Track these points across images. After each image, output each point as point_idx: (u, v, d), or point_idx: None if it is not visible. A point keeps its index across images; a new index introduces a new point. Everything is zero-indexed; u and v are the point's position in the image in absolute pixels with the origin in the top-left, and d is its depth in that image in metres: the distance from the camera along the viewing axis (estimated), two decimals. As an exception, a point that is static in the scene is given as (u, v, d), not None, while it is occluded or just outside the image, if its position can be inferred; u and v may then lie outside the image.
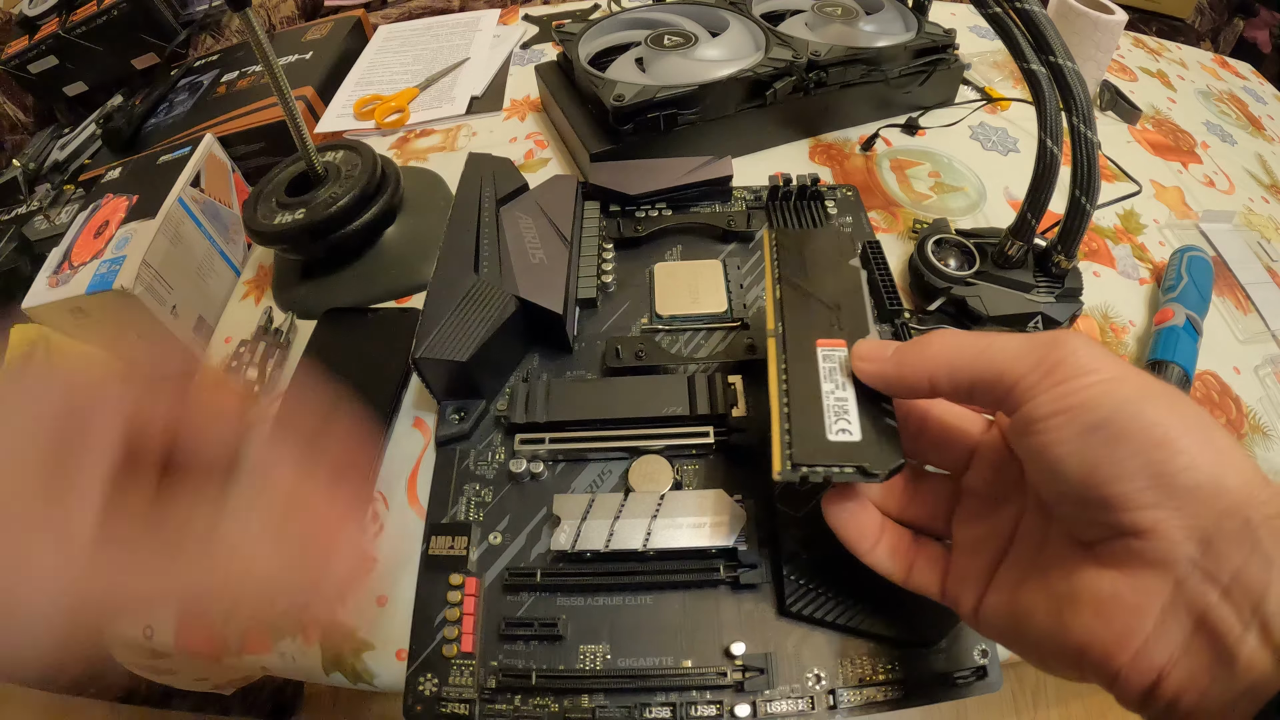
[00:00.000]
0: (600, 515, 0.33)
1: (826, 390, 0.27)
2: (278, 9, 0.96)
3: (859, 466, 0.25)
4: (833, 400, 0.27)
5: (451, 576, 0.34)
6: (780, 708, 0.30)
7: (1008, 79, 0.63)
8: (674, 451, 0.37)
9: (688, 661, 0.31)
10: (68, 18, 0.83)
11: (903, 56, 0.54)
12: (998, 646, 0.31)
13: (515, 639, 0.32)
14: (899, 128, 0.57)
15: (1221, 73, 0.72)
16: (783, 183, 0.47)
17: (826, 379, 0.28)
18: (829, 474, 0.25)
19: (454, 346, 0.36)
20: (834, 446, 0.26)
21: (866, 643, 0.31)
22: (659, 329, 0.42)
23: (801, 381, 0.28)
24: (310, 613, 0.31)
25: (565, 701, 0.30)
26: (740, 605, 0.32)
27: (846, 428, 0.26)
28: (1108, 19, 0.55)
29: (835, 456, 0.25)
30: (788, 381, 0.28)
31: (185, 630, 0.36)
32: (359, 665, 0.34)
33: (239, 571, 0.21)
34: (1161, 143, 0.59)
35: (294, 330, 0.47)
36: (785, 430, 0.26)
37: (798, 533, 0.32)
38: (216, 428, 0.23)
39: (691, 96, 0.49)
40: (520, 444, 0.37)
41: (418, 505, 0.38)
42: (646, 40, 0.53)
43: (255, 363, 0.45)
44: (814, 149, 0.56)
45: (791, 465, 0.26)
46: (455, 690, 0.31)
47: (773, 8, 0.59)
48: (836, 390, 0.27)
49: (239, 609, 0.31)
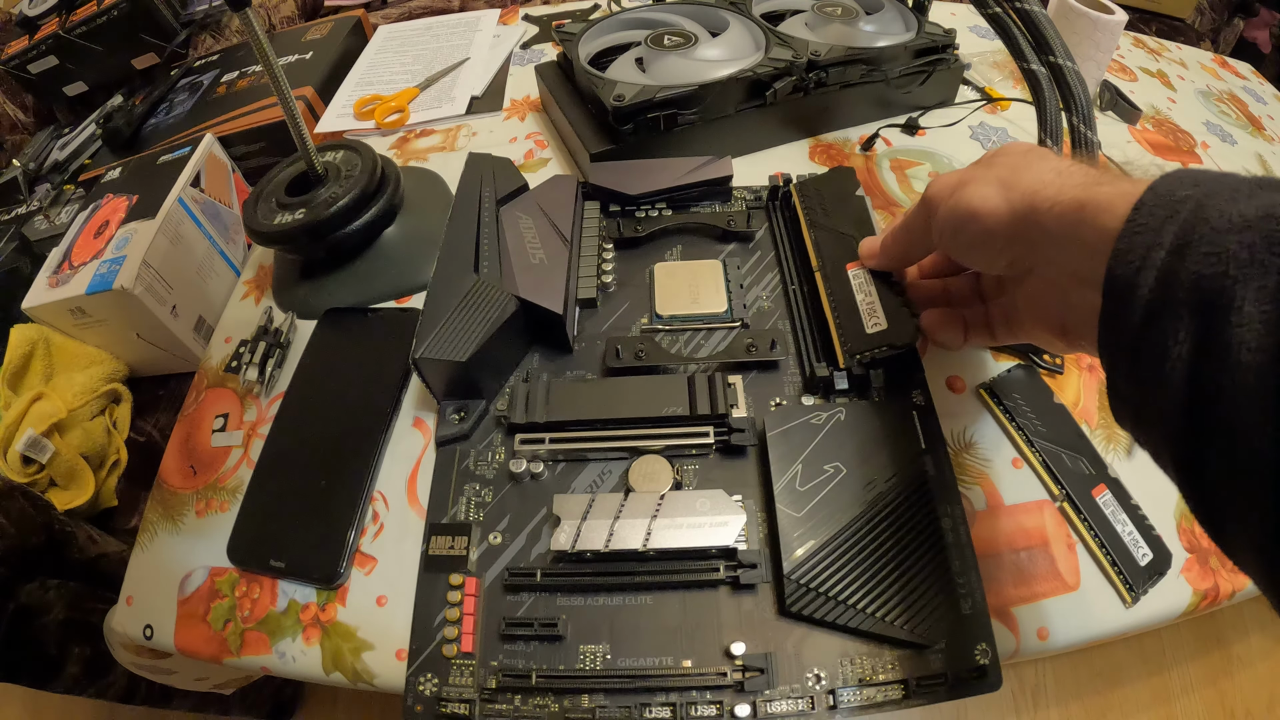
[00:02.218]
0: (600, 515, 0.33)
1: (860, 300, 0.37)
2: (278, 9, 0.96)
3: (889, 344, 0.35)
4: (865, 305, 0.37)
5: (451, 576, 0.34)
6: (780, 708, 0.30)
7: (1008, 79, 0.63)
8: (674, 451, 0.37)
9: (688, 661, 0.31)
10: (68, 18, 0.83)
11: (903, 56, 0.54)
12: (998, 646, 0.31)
13: (515, 639, 0.32)
14: (899, 128, 0.57)
15: (1221, 73, 0.72)
16: (783, 183, 0.47)
17: (858, 291, 0.38)
18: (874, 355, 0.36)
19: (454, 346, 0.36)
20: (873, 336, 0.36)
21: (866, 643, 0.31)
22: (659, 329, 0.42)
23: (842, 299, 0.38)
24: None
25: (565, 701, 0.30)
26: (740, 605, 0.32)
27: (877, 321, 0.36)
28: (1108, 19, 0.55)
29: (874, 342, 0.36)
30: (834, 302, 0.38)
31: (185, 630, 0.36)
32: (359, 665, 0.34)
33: None
34: (1161, 143, 0.59)
35: (294, 330, 0.47)
36: (841, 335, 0.37)
37: (798, 533, 0.32)
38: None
39: (691, 96, 0.49)
40: (520, 444, 0.37)
41: (418, 505, 0.38)
42: (646, 40, 0.53)
43: (255, 363, 0.45)
44: (814, 149, 0.56)
45: (849, 356, 0.36)
46: (455, 690, 0.31)
47: (773, 8, 0.59)
48: (865, 297, 0.37)
49: None
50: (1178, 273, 0.19)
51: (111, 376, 0.56)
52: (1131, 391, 0.22)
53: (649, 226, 0.46)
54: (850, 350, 0.36)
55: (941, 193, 0.31)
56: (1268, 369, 0.17)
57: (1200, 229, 0.19)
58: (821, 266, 0.40)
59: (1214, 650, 0.88)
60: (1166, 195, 0.20)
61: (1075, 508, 0.35)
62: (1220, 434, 0.18)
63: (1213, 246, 0.18)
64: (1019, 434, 0.38)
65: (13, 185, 0.76)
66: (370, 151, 0.48)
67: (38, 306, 0.52)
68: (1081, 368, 0.42)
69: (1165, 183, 0.21)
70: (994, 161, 0.30)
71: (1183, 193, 0.20)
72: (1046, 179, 0.26)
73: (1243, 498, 0.18)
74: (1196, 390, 0.19)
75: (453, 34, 0.75)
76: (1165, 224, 0.20)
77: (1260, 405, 0.17)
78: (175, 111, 0.76)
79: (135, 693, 0.56)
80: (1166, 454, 0.21)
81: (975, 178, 0.29)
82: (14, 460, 0.49)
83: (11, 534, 0.46)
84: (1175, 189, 0.20)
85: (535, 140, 0.59)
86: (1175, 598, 0.34)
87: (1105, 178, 0.24)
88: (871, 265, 0.38)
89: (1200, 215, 0.19)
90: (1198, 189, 0.20)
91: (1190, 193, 0.20)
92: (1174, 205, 0.20)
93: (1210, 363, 0.18)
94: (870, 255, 0.38)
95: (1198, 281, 0.18)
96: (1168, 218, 0.20)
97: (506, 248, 0.41)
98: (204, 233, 0.57)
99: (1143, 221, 0.20)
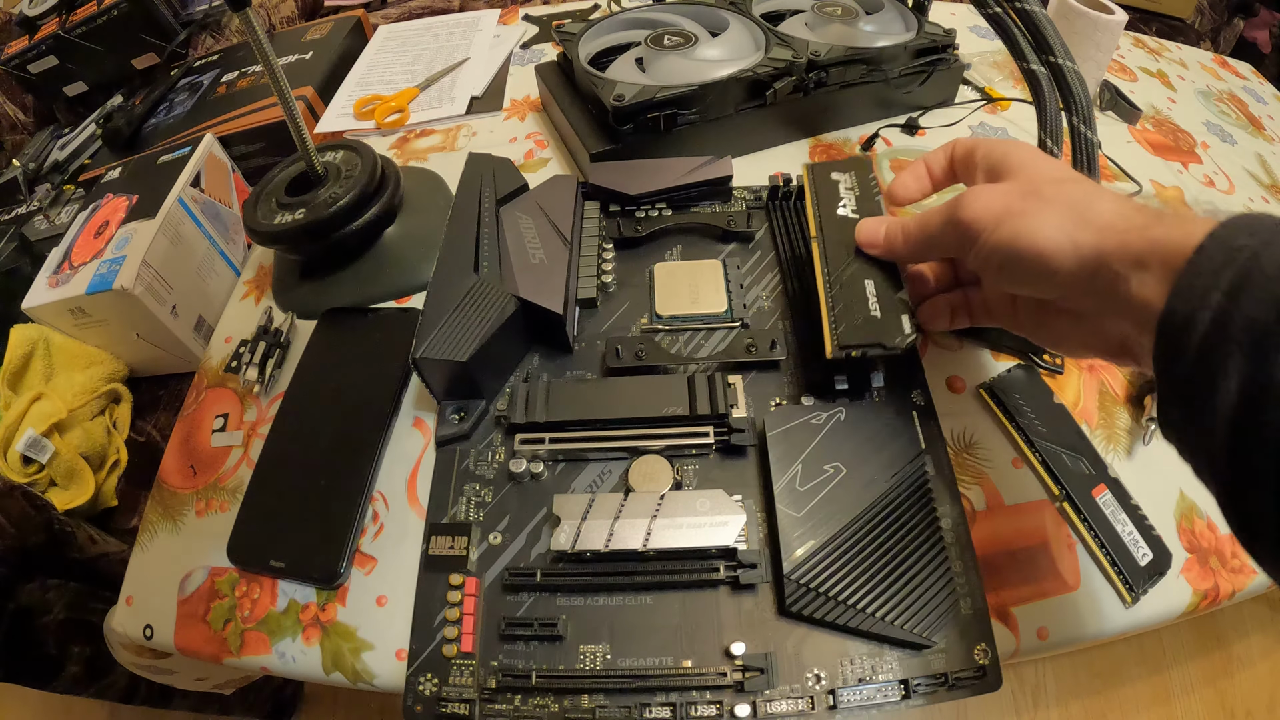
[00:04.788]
0: (600, 515, 0.33)
1: (859, 291, 0.35)
2: (278, 9, 0.96)
3: (880, 343, 0.33)
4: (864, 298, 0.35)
5: (451, 576, 0.34)
6: (780, 708, 0.30)
7: (1008, 79, 0.63)
8: (674, 451, 0.37)
9: (688, 661, 0.31)
10: (68, 18, 0.83)
11: (903, 56, 0.54)
12: (998, 646, 0.31)
13: (515, 639, 0.32)
14: (899, 128, 0.57)
15: (1221, 73, 0.72)
16: (783, 183, 0.47)
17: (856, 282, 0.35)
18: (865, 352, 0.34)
19: (454, 346, 0.36)
20: (866, 330, 0.34)
21: (866, 643, 0.31)
22: (659, 329, 0.42)
23: (840, 287, 0.36)
24: None
25: (565, 701, 0.30)
26: (740, 605, 0.32)
27: (874, 316, 0.34)
28: (1108, 19, 0.55)
29: (866, 338, 0.33)
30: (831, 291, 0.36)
31: (185, 630, 0.36)
32: (359, 665, 0.34)
33: None
34: (1161, 143, 0.59)
35: (294, 330, 0.47)
36: (833, 324, 0.34)
37: (798, 533, 0.32)
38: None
39: (691, 96, 0.49)
40: (520, 444, 0.37)
41: (418, 505, 0.38)
42: (646, 40, 0.53)
43: (255, 363, 0.45)
44: (814, 149, 0.56)
45: (838, 347, 0.34)
46: (455, 690, 0.31)
47: (773, 8, 0.59)
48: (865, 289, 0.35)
49: None
50: (1232, 314, 0.21)
51: (111, 376, 0.56)
52: (1182, 419, 0.23)
53: (649, 226, 0.46)
54: (840, 343, 0.34)
55: (985, 221, 0.29)
56: None
57: (1256, 277, 0.21)
58: (824, 251, 0.38)
59: (1214, 650, 0.88)
60: (1226, 242, 0.22)
61: (1075, 508, 0.35)
62: (1263, 463, 0.20)
63: (1265, 293, 0.20)
64: (1019, 434, 0.38)
65: (13, 185, 0.76)
66: (370, 151, 0.48)
67: (38, 306, 0.52)
68: (1082, 368, 0.42)
69: (1225, 230, 0.23)
70: (1043, 193, 0.28)
71: (1241, 241, 0.22)
72: (1111, 221, 0.26)
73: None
74: (1243, 422, 0.20)
75: (453, 34, 0.75)
76: (1223, 269, 0.22)
77: None
78: (175, 111, 0.76)
79: (135, 693, 0.56)
80: (1210, 478, 0.23)
81: (1029, 211, 0.28)
82: (14, 460, 0.49)
83: (11, 534, 0.46)
84: (1234, 237, 0.22)
85: (535, 140, 0.59)
86: (1175, 598, 0.34)
87: (1158, 221, 0.25)
88: (872, 252, 0.36)
89: (1256, 264, 0.21)
90: (1254, 239, 0.22)
91: (1248, 242, 0.22)
92: (1232, 252, 0.22)
93: (1257, 396, 0.20)
94: (871, 242, 0.36)
95: (1251, 324, 0.20)
96: (1225, 263, 0.22)
97: (506, 248, 0.41)
98: (204, 233, 0.57)
99: (1203, 265, 0.22)
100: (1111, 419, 0.40)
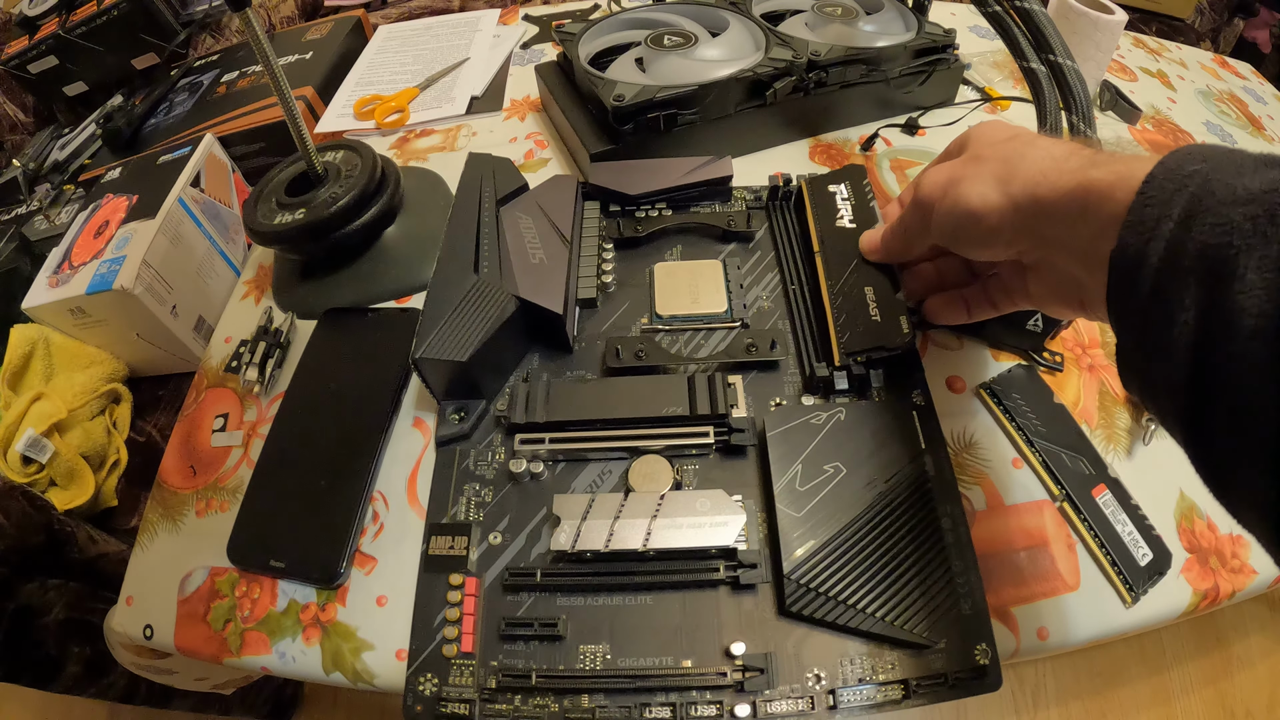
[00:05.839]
0: (600, 515, 0.33)
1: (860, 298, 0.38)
2: (278, 9, 0.96)
3: (883, 345, 0.36)
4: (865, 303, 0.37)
5: (451, 576, 0.34)
6: (780, 708, 0.30)
7: (1008, 79, 0.63)
8: (674, 451, 0.37)
9: (688, 661, 0.31)
10: (68, 18, 0.83)
11: (903, 56, 0.54)
12: (998, 646, 0.31)
13: (515, 639, 0.32)
14: (899, 127, 0.57)
15: (1221, 73, 0.72)
16: (782, 183, 0.47)
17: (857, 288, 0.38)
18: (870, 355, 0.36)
19: (454, 346, 0.36)
20: (869, 334, 0.36)
21: (866, 643, 0.31)
22: (659, 329, 0.42)
23: (844, 297, 0.38)
24: None
25: (565, 701, 0.30)
26: (740, 605, 0.32)
27: (875, 320, 0.36)
28: (1108, 19, 0.55)
29: (870, 341, 0.36)
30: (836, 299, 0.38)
31: (185, 630, 0.36)
32: (359, 665, 0.34)
33: None
34: (1161, 143, 0.59)
35: (294, 330, 0.47)
36: (839, 332, 0.37)
37: (798, 533, 0.32)
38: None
39: (691, 96, 0.48)
40: (520, 444, 0.37)
41: (418, 505, 0.38)
42: (646, 40, 0.53)
43: (255, 363, 0.45)
44: (814, 149, 0.56)
45: (845, 354, 0.36)
46: (455, 690, 0.31)
47: (773, 8, 0.59)
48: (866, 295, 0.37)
49: None
50: (1185, 243, 0.20)
51: (111, 376, 0.56)
52: (1140, 357, 0.22)
53: (649, 226, 0.46)
54: (847, 349, 0.36)
55: (933, 193, 0.30)
56: (1269, 334, 0.18)
57: (1207, 202, 0.20)
58: (826, 264, 0.40)
59: (1214, 650, 0.88)
60: (1175, 170, 0.21)
61: (1075, 508, 0.35)
62: (1224, 396, 0.19)
63: (1218, 218, 0.19)
64: (1019, 434, 0.38)
65: (13, 185, 0.76)
66: (370, 151, 0.48)
67: (38, 306, 0.52)
68: (1082, 368, 0.42)
69: (1174, 158, 0.22)
70: (982, 154, 0.29)
71: (1191, 168, 0.21)
72: (1044, 167, 0.26)
73: (1245, 457, 0.19)
74: (1202, 354, 0.19)
75: (453, 34, 0.75)
76: (1174, 197, 0.21)
77: (1261, 368, 0.18)
78: (175, 111, 0.76)
79: (135, 693, 0.56)
80: (1173, 416, 0.22)
81: (967, 175, 0.29)
82: (14, 460, 0.49)
83: (11, 534, 0.46)
84: (1184, 164, 0.21)
85: (535, 140, 0.59)
86: (1175, 598, 0.34)
87: (1101, 159, 0.25)
88: (874, 259, 0.38)
89: (1207, 189, 0.20)
90: (1205, 164, 0.21)
91: (1198, 168, 0.21)
92: (1182, 180, 0.21)
93: (1215, 328, 0.19)
94: (872, 250, 0.38)
95: (1204, 251, 0.19)
96: (1176, 191, 0.21)
97: (506, 248, 0.41)
98: (204, 233, 0.57)
99: (1153, 195, 0.21)
100: (1111, 419, 0.40)
